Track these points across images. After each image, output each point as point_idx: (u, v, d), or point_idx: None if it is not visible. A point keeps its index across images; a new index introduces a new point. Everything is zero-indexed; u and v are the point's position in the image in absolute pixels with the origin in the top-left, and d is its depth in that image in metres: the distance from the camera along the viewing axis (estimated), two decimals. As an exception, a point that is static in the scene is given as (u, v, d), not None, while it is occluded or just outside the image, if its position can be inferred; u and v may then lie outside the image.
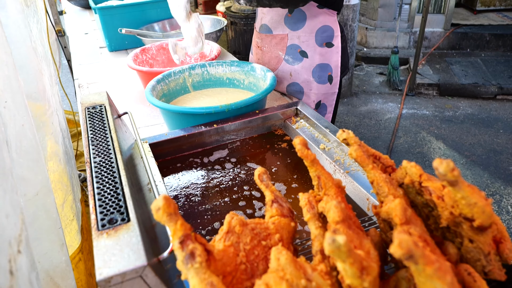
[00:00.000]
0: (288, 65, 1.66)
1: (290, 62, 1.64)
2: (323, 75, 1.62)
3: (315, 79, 1.62)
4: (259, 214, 1.00)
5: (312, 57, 1.60)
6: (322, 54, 1.60)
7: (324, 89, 1.64)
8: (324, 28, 1.57)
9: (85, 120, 0.99)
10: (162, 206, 0.52)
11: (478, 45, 4.99)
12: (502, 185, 2.82)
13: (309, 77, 1.63)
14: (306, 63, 1.62)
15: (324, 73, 1.62)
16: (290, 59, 1.64)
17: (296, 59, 1.63)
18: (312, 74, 1.62)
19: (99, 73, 2.09)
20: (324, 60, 1.60)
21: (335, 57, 1.61)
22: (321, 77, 1.62)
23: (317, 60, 1.60)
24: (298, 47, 1.61)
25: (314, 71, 1.61)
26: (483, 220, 0.52)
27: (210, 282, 0.47)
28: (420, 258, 0.40)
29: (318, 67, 1.61)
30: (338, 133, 0.71)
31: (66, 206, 1.32)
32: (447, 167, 0.47)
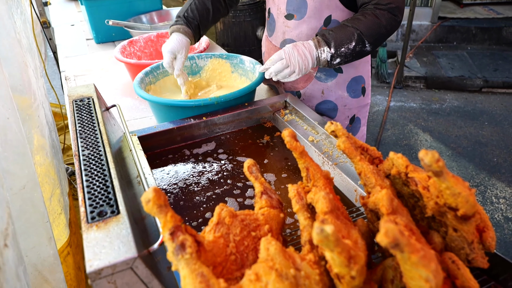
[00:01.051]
0: (319, 83, 1.51)
1: (323, 80, 1.50)
2: (357, 88, 1.52)
3: (350, 94, 1.52)
4: (249, 205, 1.00)
5: (347, 71, 1.48)
6: (355, 67, 1.49)
7: (358, 103, 1.55)
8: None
9: (72, 113, 0.98)
10: (152, 198, 0.52)
11: (464, 38, 5.04)
12: (487, 176, 2.88)
13: (344, 93, 1.51)
14: (341, 79, 1.49)
15: (358, 86, 1.52)
16: (322, 76, 1.49)
17: (330, 75, 1.49)
18: (346, 89, 1.51)
19: (86, 66, 2.07)
20: (357, 73, 1.50)
21: (367, 66, 1.53)
22: (355, 91, 1.52)
23: (352, 74, 1.49)
24: None
25: (349, 85, 1.50)
26: (467, 209, 0.54)
27: (201, 273, 0.48)
28: (405, 247, 0.41)
29: (352, 81, 1.50)
30: (326, 125, 0.72)
31: (54, 200, 1.31)
32: (432, 158, 0.48)
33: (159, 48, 1.99)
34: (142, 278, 0.59)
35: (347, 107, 1.54)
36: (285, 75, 1.25)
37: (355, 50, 1.23)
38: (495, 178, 2.85)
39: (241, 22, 4.46)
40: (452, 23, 5.07)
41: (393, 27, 1.25)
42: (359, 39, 1.22)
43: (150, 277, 0.60)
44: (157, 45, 1.99)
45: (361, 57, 1.29)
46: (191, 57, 1.61)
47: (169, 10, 2.52)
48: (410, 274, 0.45)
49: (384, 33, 1.24)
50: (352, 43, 1.22)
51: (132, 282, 0.59)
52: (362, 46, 1.23)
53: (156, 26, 2.36)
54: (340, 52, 1.23)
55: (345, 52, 1.23)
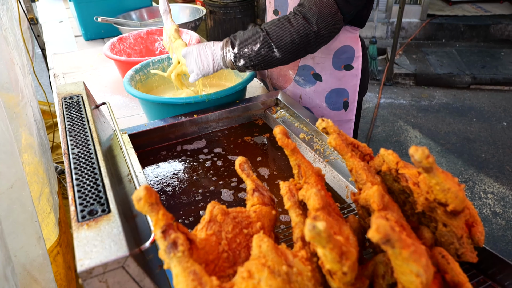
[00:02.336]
0: (298, 87, 1.47)
1: (301, 84, 1.45)
2: (338, 101, 1.44)
3: (328, 105, 1.44)
4: (243, 197, 1.00)
5: (327, 81, 1.41)
6: (339, 78, 1.41)
7: (337, 116, 1.47)
8: (344, 49, 1.37)
9: (62, 110, 0.96)
10: (143, 196, 0.52)
11: (453, 35, 5.09)
12: (475, 171, 2.92)
13: (322, 103, 1.45)
14: (320, 87, 1.43)
15: (339, 98, 1.44)
16: (301, 81, 1.45)
17: (308, 81, 1.44)
18: (325, 100, 1.44)
19: (75, 63, 2.04)
20: (340, 85, 1.42)
21: (354, 80, 1.42)
22: (335, 104, 1.44)
23: (333, 85, 1.42)
24: (312, 69, 1.42)
25: (328, 96, 1.43)
26: (456, 204, 0.54)
27: (193, 271, 0.48)
28: (396, 242, 0.41)
29: (333, 92, 1.43)
30: (317, 122, 0.72)
31: (43, 199, 1.29)
32: (422, 154, 0.49)
33: (149, 45, 1.98)
34: (134, 277, 0.59)
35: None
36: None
37: (260, 53, 1.14)
38: (483, 174, 2.89)
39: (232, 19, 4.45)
40: (441, 20, 5.12)
41: (307, 36, 1.12)
42: (265, 41, 1.13)
43: (142, 276, 0.60)
44: (147, 42, 1.97)
45: (272, 64, 1.18)
46: (181, 54, 1.60)
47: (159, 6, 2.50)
48: (401, 269, 0.45)
49: (295, 41, 1.12)
50: (257, 44, 1.14)
51: (123, 281, 0.59)
52: (269, 50, 1.14)
53: (146, 23, 2.34)
54: (243, 53, 1.15)
55: (248, 54, 1.15)
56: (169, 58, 1.58)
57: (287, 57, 1.16)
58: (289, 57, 1.17)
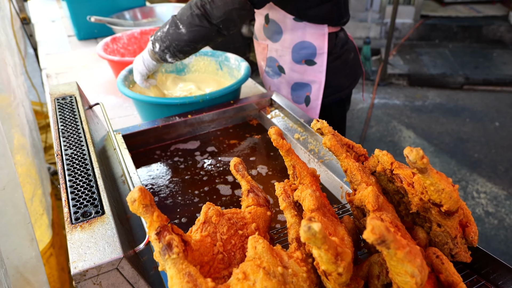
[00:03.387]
0: (267, 78, 1.55)
1: (270, 75, 1.53)
2: (300, 95, 1.48)
3: (293, 97, 1.50)
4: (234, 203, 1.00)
5: (289, 74, 1.46)
6: (300, 73, 1.44)
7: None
8: (303, 45, 1.39)
9: (54, 111, 0.96)
10: (137, 197, 0.51)
11: (446, 36, 5.13)
12: (468, 171, 2.94)
13: (288, 94, 1.51)
14: (284, 79, 1.49)
15: (301, 93, 1.47)
16: (270, 72, 1.53)
17: (275, 73, 1.51)
18: (290, 91, 1.49)
19: (67, 63, 2.02)
20: (302, 79, 1.45)
21: (318, 76, 1.42)
22: (298, 97, 1.49)
23: (295, 78, 1.46)
24: (276, 61, 1.48)
25: (292, 88, 1.48)
26: (451, 205, 0.54)
27: (188, 272, 0.48)
28: (391, 243, 0.42)
29: (295, 85, 1.47)
30: (312, 122, 0.72)
31: (35, 200, 1.28)
32: (417, 155, 0.49)
33: (143, 45, 1.97)
34: (128, 279, 0.59)
35: None
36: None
37: (169, 32, 1.21)
38: (476, 174, 2.91)
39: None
40: (434, 21, 5.15)
41: (203, 7, 1.18)
42: (172, 20, 1.22)
43: (136, 278, 0.59)
44: (140, 42, 1.96)
45: (182, 42, 1.22)
46: (175, 55, 1.59)
47: (153, 6, 2.49)
48: (396, 270, 0.45)
49: (194, 12, 1.18)
50: (166, 26, 1.23)
51: (118, 283, 0.58)
52: (176, 27, 1.20)
53: (140, 23, 2.33)
54: (156, 36, 1.24)
55: (160, 36, 1.23)
56: (163, 58, 1.57)
57: (192, 33, 1.20)
58: (194, 33, 1.20)
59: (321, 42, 1.38)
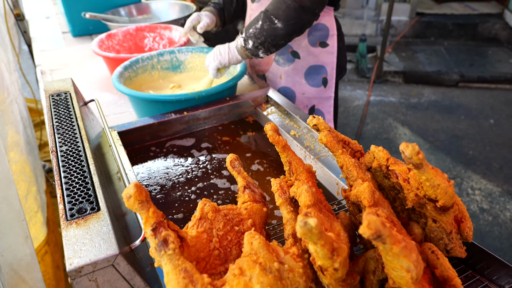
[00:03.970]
0: (278, 67, 1.53)
1: (281, 64, 1.51)
2: (316, 77, 1.50)
3: (308, 82, 1.50)
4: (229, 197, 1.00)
5: (305, 58, 1.47)
6: (315, 55, 1.47)
7: (317, 93, 1.52)
8: (317, 27, 1.43)
9: (49, 107, 0.95)
10: (133, 193, 0.51)
11: (441, 34, 5.14)
12: (463, 168, 2.96)
13: (301, 80, 1.51)
14: (298, 65, 1.49)
15: (318, 75, 1.50)
16: (280, 60, 1.51)
17: (287, 59, 1.50)
18: (304, 77, 1.50)
19: (62, 60, 2.01)
20: (317, 62, 1.48)
21: (330, 58, 1.48)
22: (314, 80, 1.50)
23: (310, 61, 1.48)
24: (289, 47, 1.48)
25: (306, 73, 1.49)
26: (446, 200, 0.55)
27: (184, 268, 0.48)
28: (387, 238, 0.42)
29: (311, 69, 1.49)
30: (308, 119, 0.72)
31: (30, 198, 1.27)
32: (413, 151, 0.49)
33: (138, 41, 1.96)
34: (124, 275, 0.59)
35: (306, 96, 1.53)
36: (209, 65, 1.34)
37: (263, 28, 1.23)
38: (470, 171, 2.93)
39: (222, 16, 4.40)
40: (429, 19, 5.16)
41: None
42: (265, 16, 1.22)
43: (132, 274, 0.59)
44: (136, 39, 1.95)
45: (278, 37, 1.24)
46: (171, 51, 1.59)
47: (148, 3, 2.48)
48: (391, 265, 0.46)
49: (290, 5, 1.19)
50: (259, 22, 1.23)
51: (113, 280, 0.58)
52: (271, 23, 1.22)
53: (135, 19, 2.31)
54: (249, 34, 1.25)
55: (254, 32, 1.24)
56: (159, 55, 1.57)
57: (289, 26, 1.22)
58: (292, 26, 1.22)
59: (331, 24, 1.44)
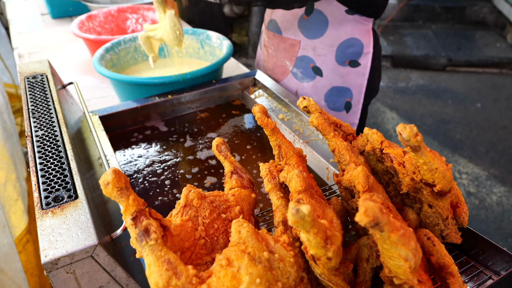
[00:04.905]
0: (295, 80, 1.29)
1: (299, 78, 1.28)
2: (338, 100, 1.26)
3: (328, 104, 1.27)
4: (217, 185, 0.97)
5: (328, 76, 1.22)
6: (342, 75, 1.22)
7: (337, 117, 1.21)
8: (350, 42, 1.18)
9: (24, 90, 0.89)
10: (111, 180, 0.47)
11: (429, 17, 5.12)
12: (450, 152, 2.97)
13: (320, 101, 1.27)
14: (319, 83, 1.25)
15: (340, 98, 1.25)
16: (299, 74, 1.27)
17: (307, 75, 1.26)
18: (324, 97, 1.26)
19: (41, 42, 1.93)
20: (343, 83, 1.23)
21: (359, 80, 1.23)
22: (335, 103, 1.26)
23: (335, 82, 1.23)
24: (312, 61, 1.23)
25: (328, 94, 1.25)
26: (444, 185, 0.52)
27: (167, 260, 0.44)
28: (385, 226, 0.39)
29: (333, 90, 1.24)
30: (298, 100, 0.69)
31: (9, 186, 1.22)
32: (411, 132, 0.46)
33: (120, 23, 1.89)
34: (104, 266, 0.55)
35: None
36: None
37: None
38: (458, 155, 2.94)
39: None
40: (417, 2, 5.12)
41: None
42: None
43: (113, 265, 0.56)
44: (117, 20, 1.88)
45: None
46: (155, 33, 1.53)
47: None
48: (388, 254, 0.43)
49: None
50: None
51: (93, 271, 0.54)
52: None
53: (117, 0, 2.23)
54: None
55: None
56: (142, 37, 1.50)
57: None
58: None
59: (368, 39, 1.20)
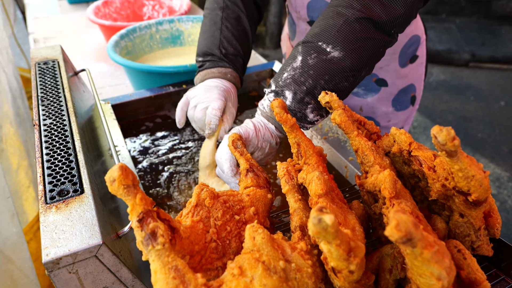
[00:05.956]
0: (357, 99, 1.19)
1: (361, 95, 1.18)
2: (405, 99, 1.20)
3: (396, 108, 1.20)
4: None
5: (393, 83, 1.15)
6: (404, 76, 1.15)
7: (405, 115, 1.24)
8: (410, 41, 1.10)
9: (35, 77, 0.87)
10: (117, 177, 0.44)
11: (453, 10, 4.96)
12: (471, 151, 2.88)
13: (388, 109, 1.20)
14: (385, 93, 1.17)
15: (406, 97, 1.20)
16: (360, 92, 1.17)
17: (371, 90, 1.16)
18: (392, 104, 1.19)
19: (57, 27, 1.91)
20: (407, 82, 1.17)
21: (419, 70, 1.19)
22: (402, 103, 1.21)
23: (400, 85, 1.16)
24: (374, 76, 1.14)
25: (394, 99, 1.19)
26: (480, 194, 0.47)
27: (175, 267, 0.41)
28: (419, 242, 0.35)
29: (400, 93, 1.18)
30: (320, 95, 0.64)
31: (21, 172, 1.21)
32: (448, 136, 0.41)
33: (137, 10, 1.85)
34: (109, 267, 0.52)
35: (392, 122, 1.23)
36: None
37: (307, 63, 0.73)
38: (479, 154, 2.85)
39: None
40: (441, -6, 4.97)
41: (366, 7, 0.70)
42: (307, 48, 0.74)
43: (119, 266, 0.53)
44: (134, 7, 1.84)
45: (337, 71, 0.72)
46: (170, 20, 1.49)
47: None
48: (419, 271, 0.39)
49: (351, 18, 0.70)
50: (297, 58, 0.74)
51: (97, 271, 0.51)
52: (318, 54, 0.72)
53: (134, -13, 2.19)
54: (284, 80, 0.74)
55: (291, 76, 0.74)
56: (158, 24, 1.47)
57: (354, 52, 0.71)
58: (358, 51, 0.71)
59: (420, 28, 1.14)
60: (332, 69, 0.71)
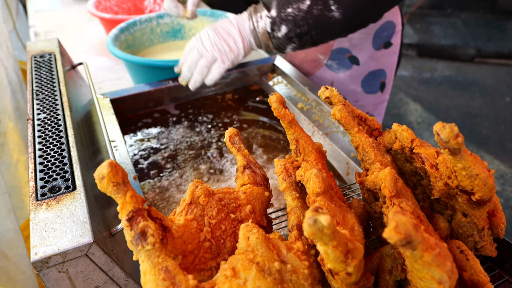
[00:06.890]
0: (330, 72, 1.25)
1: (334, 69, 1.24)
2: (374, 83, 1.26)
3: (364, 89, 1.27)
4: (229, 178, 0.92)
5: (365, 63, 1.22)
6: (377, 59, 1.22)
7: (373, 99, 1.29)
8: (386, 26, 1.17)
9: (30, 70, 0.85)
10: (107, 174, 0.42)
11: (459, 5, 4.89)
12: (475, 148, 2.84)
13: (357, 88, 1.26)
14: (356, 72, 1.23)
15: (376, 81, 1.26)
16: (334, 65, 1.23)
17: (343, 65, 1.23)
18: (361, 84, 1.26)
19: (58, 21, 1.89)
20: (378, 66, 1.24)
21: (392, 58, 1.25)
22: (371, 86, 1.27)
23: (371, 67, 1.23)
24: (348, 52, 1.20)
25: (364, 80, 1.25)
26: (484, 193, 0.45)
27: (165, 268, 0.39)
28: (419, 244, 0.33)
29: (370, 75, 1.24)
30: (320, 90, 0.62)
31: (20, 167, 1.20)
32: (451, 133, 0.39)
33: (138, 3, 1.83)
34: (100, 266, 0.51)
35: (359, 103, 1.29)
36: (203, 68, 0.92)
37: (311, 12, 0.81)
38: (483, 151, 2.82)
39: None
40: (447, -11, 4.90)
41: None
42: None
43: (110, 265, 0.51)
44: (135, 0, 1.82)
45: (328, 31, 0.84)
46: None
47: None
48: (420, 274, 0.37)
49: None
50: (306, 2, 0.81)
51: (88, 271, 0.50)
52: (324, 7, 0.80)
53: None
54: (286, 14, 0.82)
55: (294, 15, 0.82)
56: (158, 17, 1.45)
57: (351, 18, 0.82)
58: (354, 19, 0.83)
59: (397, 17, 1.19)
60: (327, 26, 0.82)
